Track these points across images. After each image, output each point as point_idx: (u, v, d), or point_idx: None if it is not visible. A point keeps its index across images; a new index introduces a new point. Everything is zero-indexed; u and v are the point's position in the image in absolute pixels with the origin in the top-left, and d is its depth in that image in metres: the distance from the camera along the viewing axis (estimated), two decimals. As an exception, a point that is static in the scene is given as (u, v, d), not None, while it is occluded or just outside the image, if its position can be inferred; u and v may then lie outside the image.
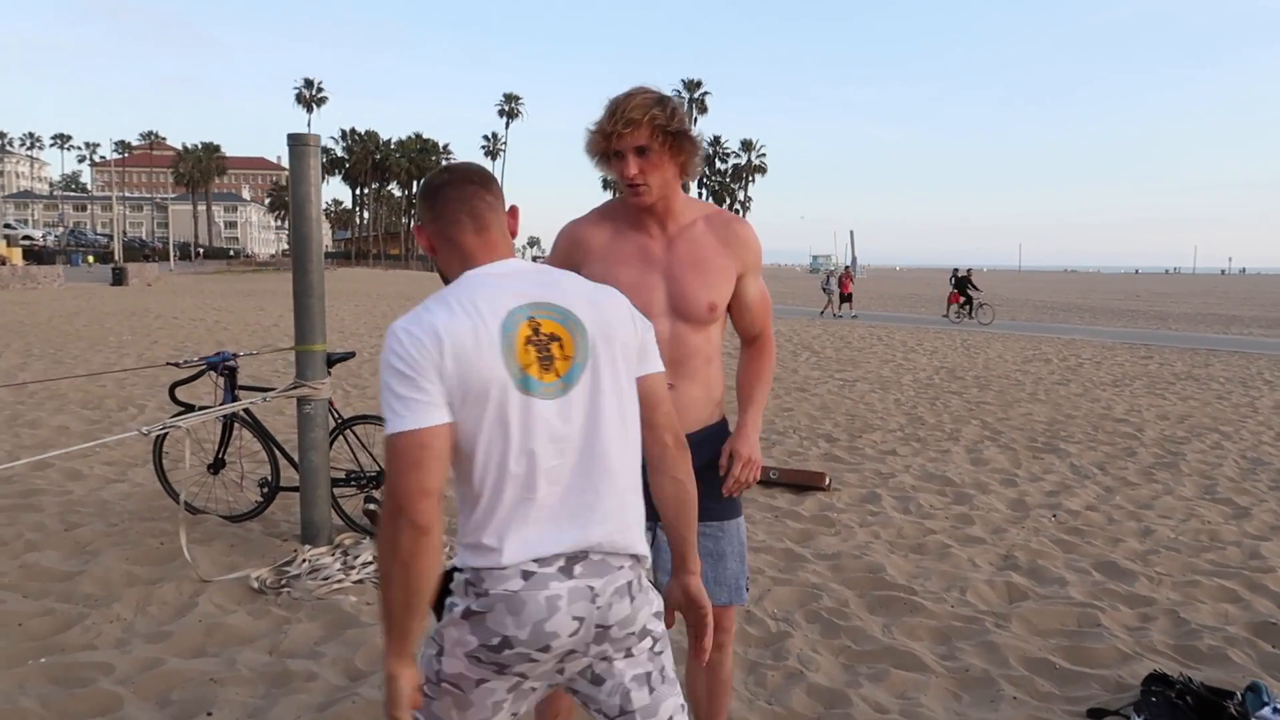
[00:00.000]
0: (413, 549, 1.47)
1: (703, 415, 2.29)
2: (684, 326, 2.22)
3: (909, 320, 26.55)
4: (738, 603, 2.36)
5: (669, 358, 2.20)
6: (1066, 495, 6.14)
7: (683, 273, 2.20)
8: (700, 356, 2.25)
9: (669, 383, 2.16)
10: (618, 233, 2.24)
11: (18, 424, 7.66)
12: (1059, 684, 3.37)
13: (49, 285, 33.70)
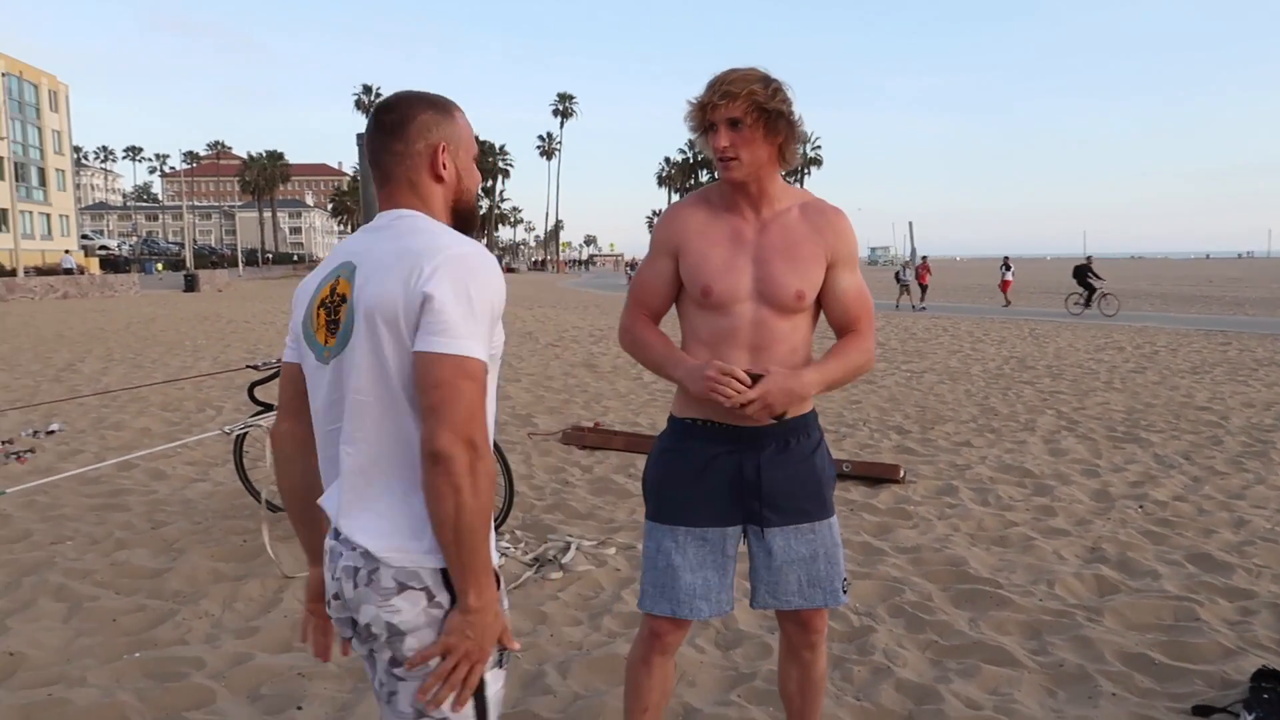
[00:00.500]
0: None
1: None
2: (769, 312, 2.16)
3: (973, 311, 26.01)
4: (833, 605, 2.29)
5: (752, 342, 2.16)
6: (1152, 486, 5.93)
7: (771, 258, 2.15)
8: (785, 345, 2.18)
9: (746, 369, 2.11)
10: (713, 215, 2.20)
11: (103, 426, 7.90)
12: (1159, 680, 3.24)
13: (125, 293, 34.84)
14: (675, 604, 2.22)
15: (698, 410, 2.23)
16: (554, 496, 5.70)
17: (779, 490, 2.22)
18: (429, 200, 1.63)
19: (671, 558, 2.22)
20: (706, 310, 2.18)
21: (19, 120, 58.98)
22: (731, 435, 2.20)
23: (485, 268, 1.52)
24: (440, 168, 1.62)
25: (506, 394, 9.82)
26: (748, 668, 3.34)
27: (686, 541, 2.22)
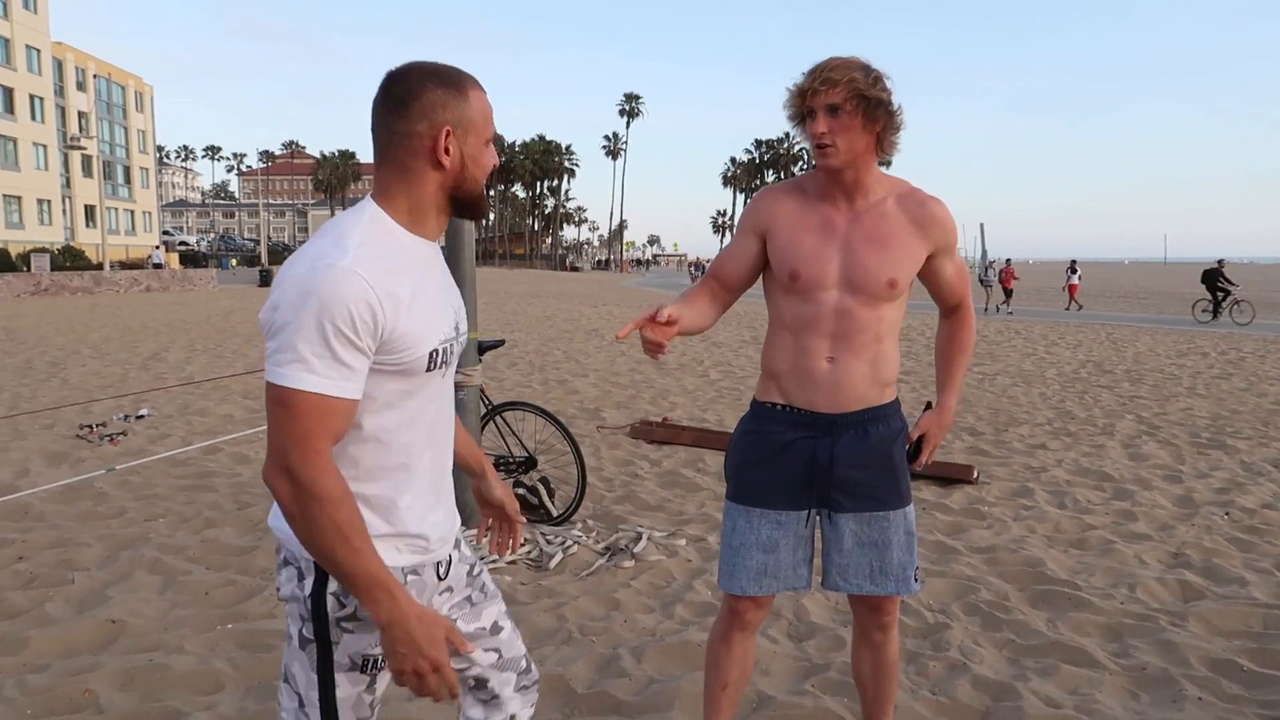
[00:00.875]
0: None
1: (867, 393, 2.23)
2: (854, 301, 2.17)
3: (1046, 315, 25.41)
4: (905, 593, 2.30)
5: (834, 330, 2.19)
6: (1239, 493, 5.75)
7: (862, 247, 2.16)
8: (868, 334, 2.20)
9: (830, 355, 2.16)
10: (806, 203, 2.22)
11: (189, 413, 8.20)
12: (1247, 686, 3.16)
13: (204, 287, 35.97)
14: (746, 581, 2.27)
15: (779, 395, 2.27)
16: (623, 488, 5.76)
17: (852, 477, 2.25)
18: (418, 187, 1.53)
19: (746, 537, 2.28)
20: (792, 296, 2.22)
21: (107, 120, 61.36)
22: (809, 421, 2.24)
23: (322, 282, 1.39)
24: (442, 153, 1.50)
25: (574, 388, 9.92)
26: (821, 659, 3.35)
27: (761, 523, 2.27)
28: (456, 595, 1.76)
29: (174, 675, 3.14)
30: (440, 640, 1.47)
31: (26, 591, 3.92)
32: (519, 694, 1.85)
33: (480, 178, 1.58)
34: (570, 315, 22.33)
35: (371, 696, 1.60)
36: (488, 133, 1.57)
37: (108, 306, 23.78)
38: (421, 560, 1.62)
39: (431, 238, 1.60)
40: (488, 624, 1.79)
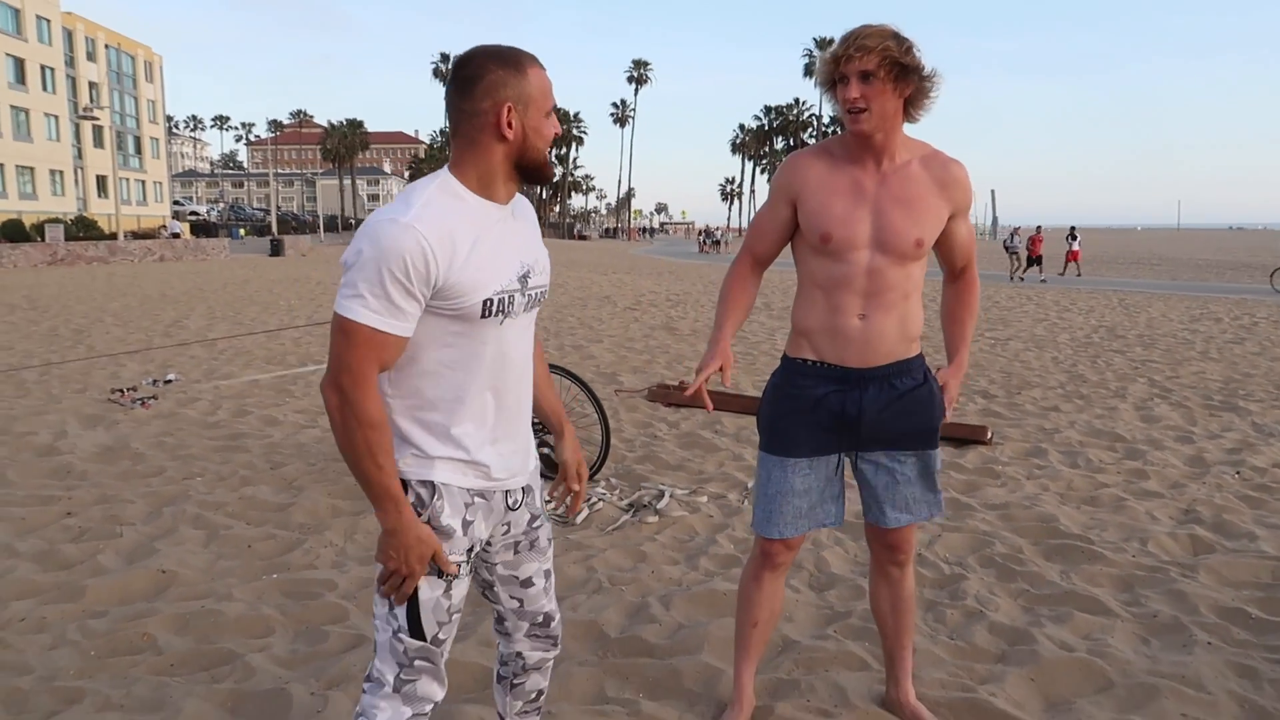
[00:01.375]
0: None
1: (895, 349, 2.34)
2: (884, 260, 2.27)
3: (1060, 282, 25.35)
4: (936, 514, 2.49)
5: (865, 289, 2.29)
6: (1250, 453, 5.85)
7: (891, 208, 2.25)
8: (897, 291, 2.30)
9: (861, 313, 2.27)
10: (834, 166, 2.30)
11: (215, 377, 8.37)
12: (1256, 633, 3.28)
13: (216, 256, 36.14)
14: (784, 526, 2.41)
15: (810, 351, 2.38)
16: (644, 449, 5.89)
17: (880, 425, 2.36)
18: (486, 158, 1.70)
19: (781, 485, 2.40)
20: (823, 256, 2.31)
21: (118, 90, 61.26)
22: (837, 375, 2.35)
23: (383, 234, 1.59)
24: (505, 127, 1.67)
25: (590, 353, 10.05)
26: (843, 607, 3.49)
27: (794, 472, 2.39)
28: (511, 535, 1.92)
29: (226, 620, 3.30)
30: (425, 557, 1.71)
31: (78, 544, 4.08)
32: (529, 639, 2.07)
33: (542, 147, 1.74)
34: (581, 283, 22.41)
35: (449, 602, 1.79)
36: (546, 105, 1.73)
37: (124, 275, 23.97)
38: (488, 485, 1.80)
39: (501, 201, 1.76)
40: (521, 576, 1.99)
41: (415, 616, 1.76)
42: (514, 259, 1.77)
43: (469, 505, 1.78)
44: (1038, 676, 2.93)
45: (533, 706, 2.17)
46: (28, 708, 2.72)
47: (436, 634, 1.79)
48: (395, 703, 1.80)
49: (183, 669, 2.98)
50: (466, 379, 1.75)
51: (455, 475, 1.77)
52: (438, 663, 1.82)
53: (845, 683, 2.85)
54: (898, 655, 2.66)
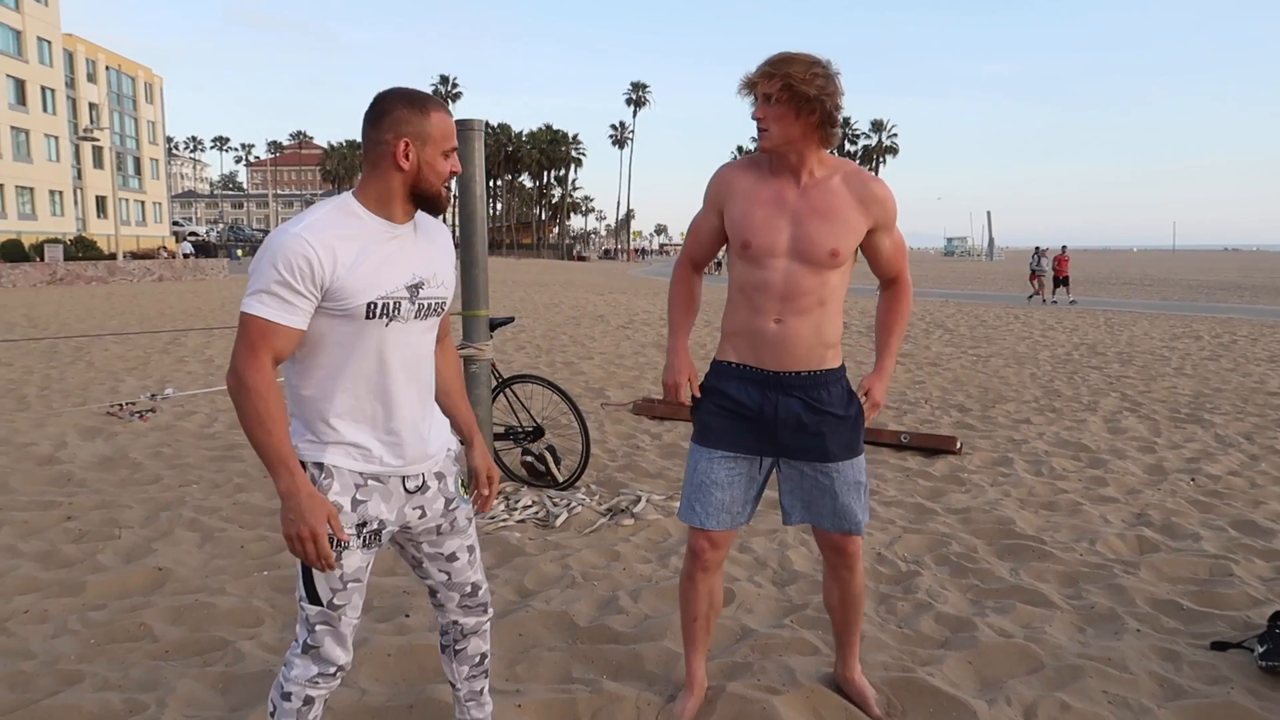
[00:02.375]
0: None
1: (810, 354, 2.49)
2: (800, 268, 2.44)
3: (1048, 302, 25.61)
4: (855, 533, 2.61)
5: (782, 294, 2.46)
6: (1208, 461, 6.08)
7: (809, 219, 2.43)
8: (813, 298, 2.46)
9: (777, 317, 2.47)
10: (760, 178, 2.50)
11: (212, 392, 8.58)
12: (1185, 622, 3.49)
13: (215, 276, 36.42)
14: (705, 515, 2.58)
15: (733, 354, 2.59)
16: (625, 458, 6.11)
17: (801, 435, 2.53)
18: (385, 183, 1.97)
19: (705, 475, 2.58)
20: (746, 262, 2.50)
21: (118, 111, 61.79)
22: (757, 377, 2.54)
23: (276, 242, 1.88)
24: (402, 158, 1.94)
25: (580, 369, 10.27)
26: (800, 600, 3.70)
27: (721, 464, 2.58)
28: (429, 520, 2.19)
29: (219, 612, 3.51)
30: (320, 516, 1.90)
31: (78, 545, 4.29)
32: (460, 609, 2.33)
33: (435, 181, 2.00)
34: (576, 302, 22.66)
35: (340, 570, 2.02)
36: (445, 145, 1.99)
37: (123, 295, 24.21)
38: (379, 470, 2.05)
39: (398, 221, 2.03)
40: (445, 552, 2.25)
41: (310, 583, 2.02)
42: (404, 270, 2.02)
43: (360, 486, 2.02)
44: (975, 660, 3.14)
45: (479, 670, 2.41)
46: (31, 687, 2.92)
47: (331, 599, 2.03)
48: (306, 661, 2.08)
49: (177, 654, 3.19)
50: (356, 374, 1.99)
51: (344, 460, 2.01)
52: (337, 627, 2.06)
53: (795, 665, 3.05)
54: (845, 640, 2.85)
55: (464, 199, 4.96)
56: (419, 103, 1.96)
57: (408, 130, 1.94)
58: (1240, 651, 3.20)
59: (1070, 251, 29.41)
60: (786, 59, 2.34)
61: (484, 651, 2.41)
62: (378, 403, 2.03)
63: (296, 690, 2.08)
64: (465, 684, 2.41)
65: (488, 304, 5.08)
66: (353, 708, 2.78)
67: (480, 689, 2.43)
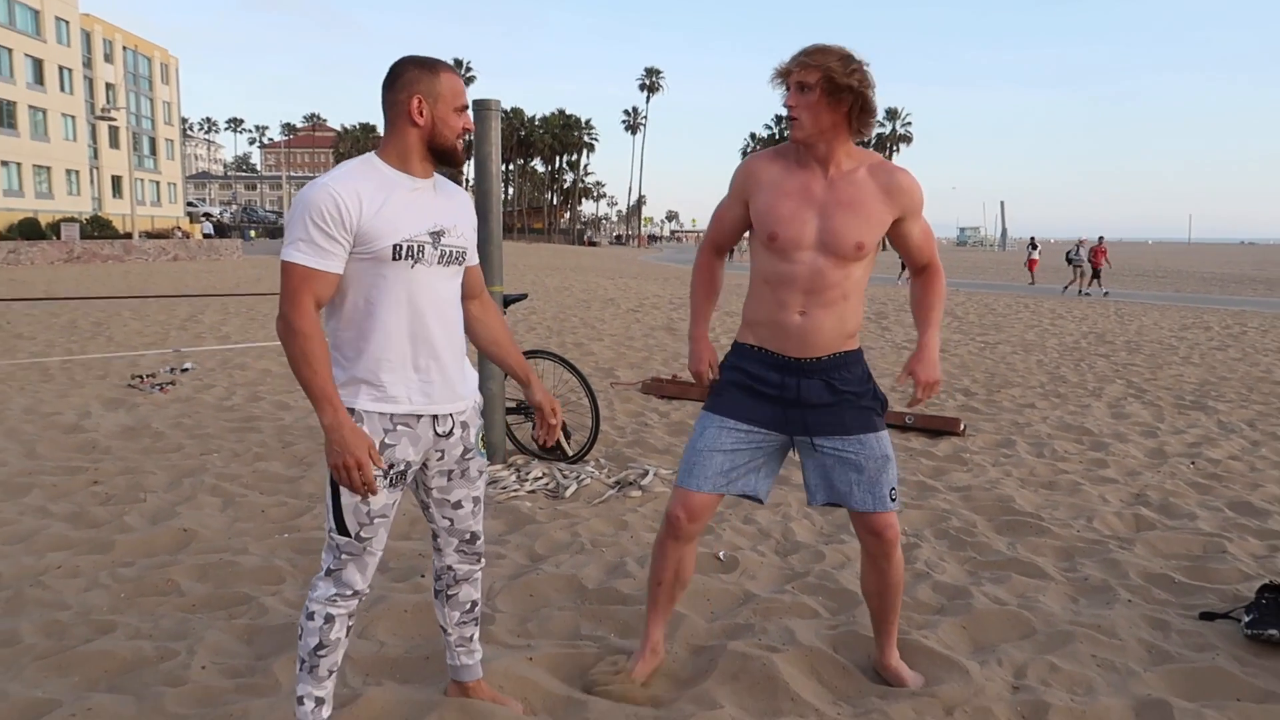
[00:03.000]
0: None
1: (833, 342, 2.55)
2: (826, 261, 2.48)
3: (1059, 292, 25.61)
4: (881, 509, 2.60)
5: (807, 287, 2.50)
6: (1209, 446, 6.16)
7: (836, 211, 2.46)
8: (837, 291, 2.51)
9: (802, 309, 2.52)
10: (787, 169, 2.53)
11: (230, 367, 8.75)
12: (1176, 594, 3.60)
13: (229, 257, 36.66)
14: (703, 480, 2.59)
15: (754, 337, 2.63)
16: (634, 435, 6.23)
17: (822, 413, 2.57)
18: (403, 139, 2.14)
19: (711, 442, 2.60)
20: (772, 254, 2.53)
21: (134, 92, 62.03)
22: (779, 362, 2.58)
23: (307, 194, 2.05)
24: (417, 114, 2.12)
25: (590, 350, 10.40)
26: (802, 568, 3.82)
27: (728, 433, 2.60)
28: (445, 464, 2.34)
29: (243, 570, 3.65)
30: (363, 448, 2.06)
31: (105, 507, 4.44)
32: (457, 554, 2.48)
33: (449, 135, 2.17)
34: (587, 286, 22.78)
35: (367, 507, 2.19)
36: (456, 103, 2.16)
37: (139, 273, 24.45)
38: (408, 411, 2.19)
39: (418, 175, 2.19)
40: (452, 499, 2.39)
41: (340, 516, 2.20)
42: (426, 218, 2.18)
43: (388, 430, 2.17)
44: (969, 625, 3.26)
45: (469, 617, 2.56)
46: (67, 635, 3.07)
47: (359, 532, 2.20)
48: (327, 583, 2.27)
49: (204, 608, 3.33)
50: (387, 316, 2.14)
51: (373, 403, 2.16)
52: (361, 556, 2.24)
53: (795, 627, 3.17)
54: (884, 628, 2.84)
55: (480, 177, 5.08)
56: (429, 65, 2.15)
57: (420, 89, 2.12)
58: (1228, 622, 3.31)
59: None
60: (824, 50, 2.37)
61: (475, 599, 2.56)
62: (407, 343, 2.17)
63: (318, 609, 2.26)
64: (456, 629, 2.56)
65: (502, 280, 5.20)
66: (373, 658, 2.92)
67: (470, 635, 2.58)
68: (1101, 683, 2.85)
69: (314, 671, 2.29)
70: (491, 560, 3.84)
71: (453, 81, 2.15)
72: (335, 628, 2.27)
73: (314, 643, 2.27)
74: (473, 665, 2.59)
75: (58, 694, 2.67)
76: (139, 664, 2.87)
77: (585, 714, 2.60)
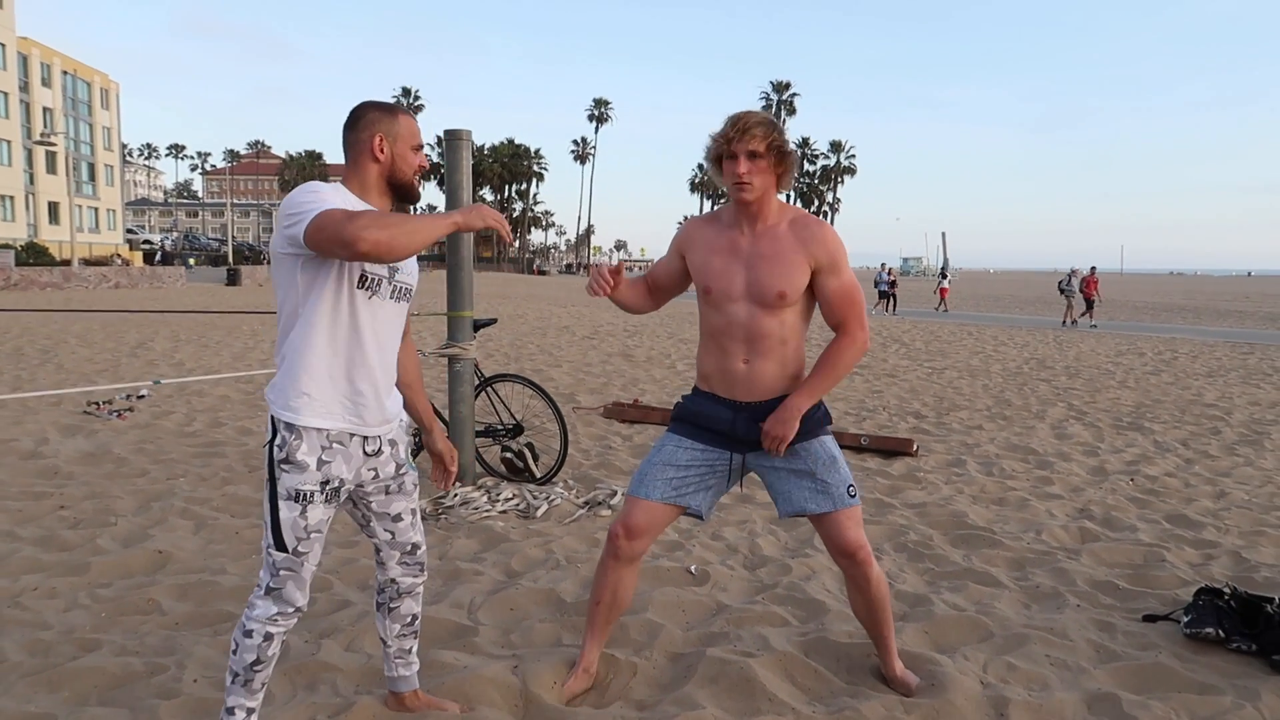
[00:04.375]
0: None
1: (775, 386, 2.73)
2: (759, 311, 2.68)
3: (1002, 320, 26.40)
4: (843, 507, 2.74)
5: (746, 337, 2.71)
6: (1146, 464, 6.48)
7: (759, 263, 2.67)
8: (774, 338, 2.70)
9: (745, 359, 2.72)
10: (719, 230, 2.76)
11: (187, 393, 8.68)
12: (1120, 599, 3.83)
13: (172, 284, 36.01)
14: (652, 488, 2.77)
15: (707, 385, 2.83)
16: (599, 458, 6.35)
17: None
18: (364, 174, 2.31)
19: (666, 456, 2.80)
20: (710, 307, 2.75)
21: (73, 117, 60.86)
22: (730, 404, 2.77)
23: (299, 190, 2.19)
24: (378, 151, 2.29)
25: (549, 376, 10.50)
26: (770, 580, 3.98)
27: (685, 449, 2.80)
28: (380, 481, 2.47)
29: (222, 589, 3.70)
30: (484, 210, 2.22)
31: (75, 531, 4.44)
32: (400, 566, 2.59)
33: (406, 170, 2.35)
34: (541, 314, 22.89)
35: (305, 522, 2.28)
36: (413, 141, 2.36)
37: (81, 301, 23.93)
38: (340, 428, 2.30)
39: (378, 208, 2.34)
40: (392, 512, 2.51)
41: (278, 532, 2.28)
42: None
43: (325, 448, 2.27)
44: (931, 629, 3.44)
45: (409, 630, 2.68)
46: (52, 654, 3.09)
47: (296, 547, 2.29)
48: (267, 601, 2.34)
49: (187, 626, 3.37)
50: (334, 337, 2.26)
51: (312, 419, 2.25)
52: (299, 572, 2.32)
53: (768, 634, 3.32)
54: (879, 643, 2.98)
55: (451, 205, 5.20)
56: (388, 108, 2.35)
57: (380, 128, 2.30)
58: (1169, 623, 3.54)
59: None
60: (761, 119, 2.59)
61: (415, 613, 2.67)
62: (350, 365, 2.29)
63: (258, 627, 2.34)
64: (396, 642, 2.68)
65: (472, 305, 5.32)
66: (362, 669, 3.00)
67: (409, 648, 2.70)
68: (1056, 680, 3.04)
69: (248, 685, 2.37)
70: (469, 577, 3.93)
71: (410, 123, 2.36)
72: (273, 645, 2.36)
73: (250, 659, 2.34)
74: (410, 676, 2.72)
75: (50, 709, 2.71)
76: (129, 679, 2.91)
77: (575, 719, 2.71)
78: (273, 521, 2.27)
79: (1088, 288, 23.79)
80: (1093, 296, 23.78)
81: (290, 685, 2.89)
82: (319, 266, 2.21)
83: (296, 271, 2.22)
